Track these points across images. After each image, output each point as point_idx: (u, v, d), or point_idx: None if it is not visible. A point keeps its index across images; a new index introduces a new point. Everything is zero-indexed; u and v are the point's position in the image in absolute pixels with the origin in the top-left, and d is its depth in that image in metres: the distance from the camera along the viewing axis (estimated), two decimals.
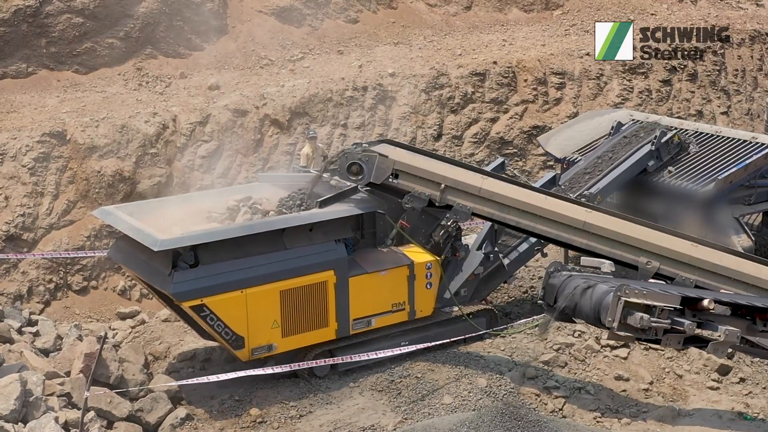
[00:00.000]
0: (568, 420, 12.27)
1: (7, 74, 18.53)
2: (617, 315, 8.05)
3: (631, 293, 8.10)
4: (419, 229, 14.43)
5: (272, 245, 12.98)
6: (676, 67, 24.08)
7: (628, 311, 8.06)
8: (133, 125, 17.35)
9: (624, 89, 23.34)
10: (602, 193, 16.02)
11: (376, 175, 13.25)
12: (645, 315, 8.04)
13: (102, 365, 12.54)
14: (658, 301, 8.19)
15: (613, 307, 8.04)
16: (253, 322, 12.82)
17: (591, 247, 13.07)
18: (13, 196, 16.11)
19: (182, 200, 14.54)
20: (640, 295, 8.15)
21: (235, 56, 20.91)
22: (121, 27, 19.74)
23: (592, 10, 27.26)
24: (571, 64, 23.27)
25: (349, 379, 13.71)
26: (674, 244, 12.89)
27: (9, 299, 15.48)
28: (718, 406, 14.00)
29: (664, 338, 8.53)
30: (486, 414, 9.66)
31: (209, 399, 13.28)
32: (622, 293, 8.06)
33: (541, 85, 22.50)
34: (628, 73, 23.55)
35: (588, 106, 22.74)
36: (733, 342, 8.77)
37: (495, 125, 21.57)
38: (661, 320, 8.19)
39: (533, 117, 22.01)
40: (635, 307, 8.08)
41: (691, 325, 8.39)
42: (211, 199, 14.37)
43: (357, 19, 23.48)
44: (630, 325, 8.06)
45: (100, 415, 11.96)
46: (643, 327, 8.07)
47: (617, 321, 8.08)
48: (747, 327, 9.49)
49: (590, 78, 23.26)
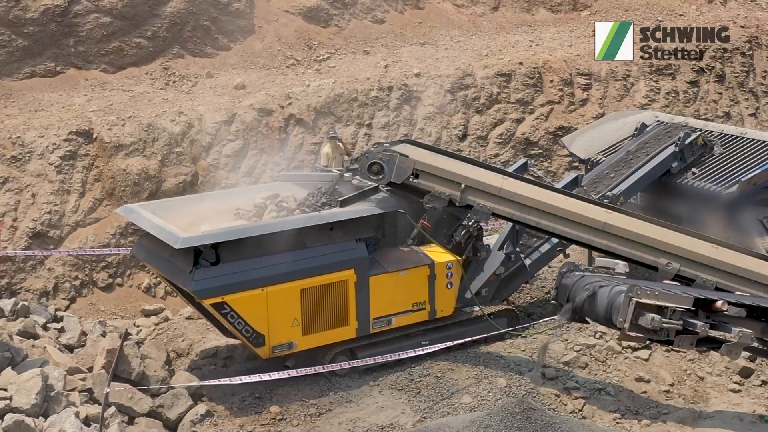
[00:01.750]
0: (585, 421, 12.25)
1: (36, 73, 18.76)
2: (628, 315, 8.04)
3: (643, 294, 8.08)
4: (440, 229, 14.47)
5: (293, 244, 13.07)
6: (704, 68, 23.91)
7: (639, 312, 8.04)
8: (158, 124, 17.52)
9: (651, 90, 23.20)
10: (625, 194, 15.96)
11: (397, 175, 13.31)
12: (656, 316, 8.02)
13: (124, 361, 12.69)
14: (669, 302, 8.17)
15: (625, 308, 8.03)
16: (274, 320, 12.93)
17: (611, 248, 13.04)
18: (40, 193, 16.32)
19: (206, 198, 14.70)
20: (652, 296, 8.13)
21: (262, 56, 21.02)
22: (149, 27, 19.90)
23: (620, 11, 27.08)
24: (598, 65, 23.15)
25: (369, 377, 13.78)
26: (695, 246, 12.84)
27: (35, 295, 15.68)
28: (739, 409, 13.91)
29: (677, 339, 8.51)
30: (497, 413, 9.68)
31: (230, 396, 13.39)
32: (634, 294, 8.04)
33: (567, 86, 22.43)
34: (655, 74, 23.41)
35: (614, 107, 22.63)
36: (747, 344, 8.73)
37: (520, 126, 21.53)
38: (672, 321, 8.17)
39: (559, 118, 21.94)
40: (647, 307, 8.06)
41: (704, 326, 8.35)
42: (236, 197, 14.50)
43: (383, 19, 23.51)
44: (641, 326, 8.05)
45: (121, 410, 12.11)
46: (654, 328, 8.05)
47: (628, 321, 8.06)
48: (762, 329, 9.44)
49: (617, 79, 23.14)
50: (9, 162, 16.30)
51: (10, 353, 11.48)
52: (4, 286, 15.55)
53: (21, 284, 15.76)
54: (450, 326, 14.38)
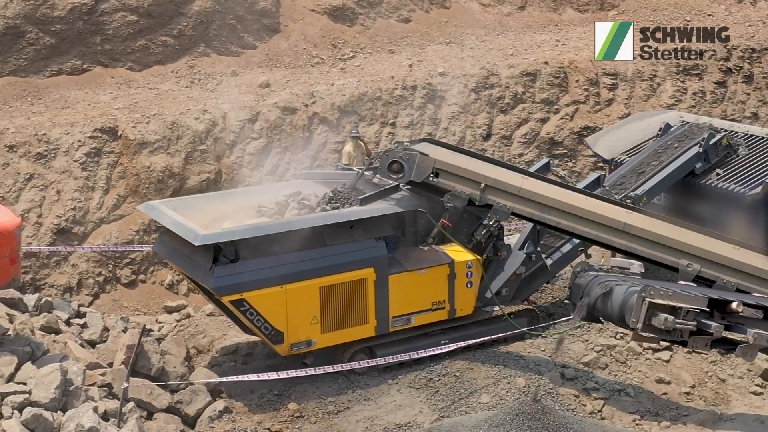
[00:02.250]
0: (601, 422, 12.19)
1: (63, 71, 18.96)
2: (641, 316, 7.99)
3: (656, 294, 8.03)
4: (461, 228, 14.45)
5: (313, 242, 13.11)
6: (732, 68, 23.72)
7: (652, 312, 7.99)
8: (183, 122, 17.64)
9: (677, 90, 23.05)
10: (648, 194, 15.85)
11: (417, 174, 13.32)
12: (669, 316, 7.96)
13: (144, 357, 12.80)
14: (683, 302, 8.11)
15: (638, 308, 7.98)
16: (293, 317, 12.98)
17: (631, 249, 12.97)
18: (64, 190, 16.49)
19: (228, 196, 14.78)
20: (665, 296, 8.07)
21: (287, 54, 21.11)
22: (175, 25, 20.05)
23: (648, 11, 26.91)
24: (624, 65, 23.03)
25: (388, 375, 13.79)
26: (716, 247, 12.75)
27: (59, 291, 15.85)
28: (761, 412, 13.79)
29: (690, 340, 8.44)
30: (509, 413, 9.66)
31: (249, 393, 13.46)
32: (647, 294, 7.99)
33: (593, 86, 22.33)
34: (682, 75, 23.26)
35: (640, 108, 22.50)
36: (763, 345, 8.65)
37: (545, 126, 21.47)
38: (686, 322, 8.11)
39: (584, 118, 21.85)
40: (660, 308, 8.00)
41: (718, 327, 8.28)
42: (258, 194, 14.56)
43: (409, 18, 23.52)
44: (654, 326, 7.99)
45: (140, 405, 12.20)
46: (667, 328, 8.00)
47: (641, 322, 8.02)
48: None
49: (643, 79, 23.02)
50: (35, 159, 16.49)
51: (31, 348, 11.60)
52: (28, 281, 15.74)
53: (45, 280, 15.94)
54: (470, 325, 14.36)
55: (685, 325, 8.12)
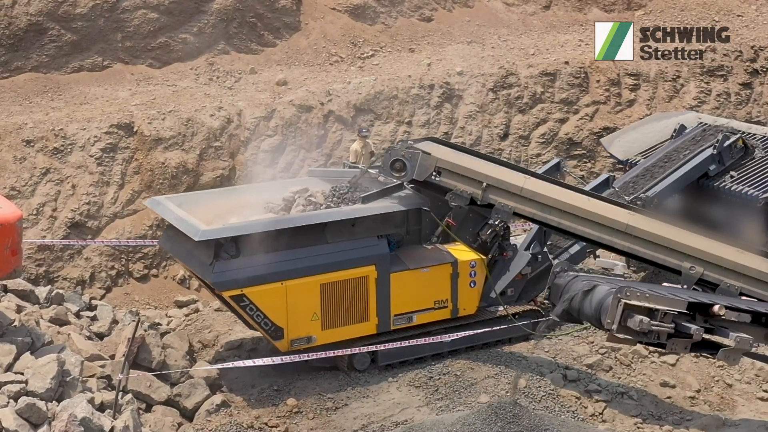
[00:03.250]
0: (581, 423, 12.13)
1: (84, 67, 19.23)
2: (617, 317, 7.94)
3: (632, 295, 7.97)
4: (466, 228, 14.45)
5: (314, 239, 13.20)
6: (759, 69, 23.43)
7: (628, 313, 7.94)
8: (198, 119, 17.82)
9: (701, 92, 22.82)
10: (660, 196, 15.76)
11: (419, 173, 13.34)
12: (645, 318, 7.90)
13: (145, 350, 12.96)
14: (660, 304, 8.04)
15: (613, 309, 7.93)
16: (293, 313, 13.08)
17: (633, 251, 12.90)
18: (80, 184, 16.73)
19: (237, 192, 14.94)
20: (642, 297, 8.01)
21: (306, 53, 21.22)
22: (195, 23, 20.24)
23: (675, 11, 26.65)
24: (647, 66, 22.86)
25: (389, 373, 13.84)
26: (719, 250, 12.62)
27: (72, 284, 16.09)
28: (767, 418, 13.65)
29: (670, 343, 8.36)
30: (483, 412, 9.65)
31: (249, 387, 13.58)
32: (623, 295, 7.94)
33: (614, 86, 22.18)
34: (706, 75, 23.02)
35: (662, 109, 22.30)
36: (745, 349, 8.56)
37: (564, 126, 21.36)
38: (663, 324, 8.04)
39: (604, 118, 21.71)
40: (636, 309, 7.95)
41: (698, 330, 8.20)
42: (266, 191, 14.66)
43: (431, 17, 23.52)
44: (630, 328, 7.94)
45: (138, 398, 12.37)
46: (642, 330, 7.93)
47: (616, 323, 7.96)
48: (766, 335, 9.26)
49: (666, 80, 22.82)
50: (51, 153, 16.75)
51: (31, 338, 11.81)
52: (41, 274, 16.00)
53: (58, 273, 16.20)
54: (473, 325, 14.35)
55: (661, 327, 8.04)
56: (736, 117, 23.07)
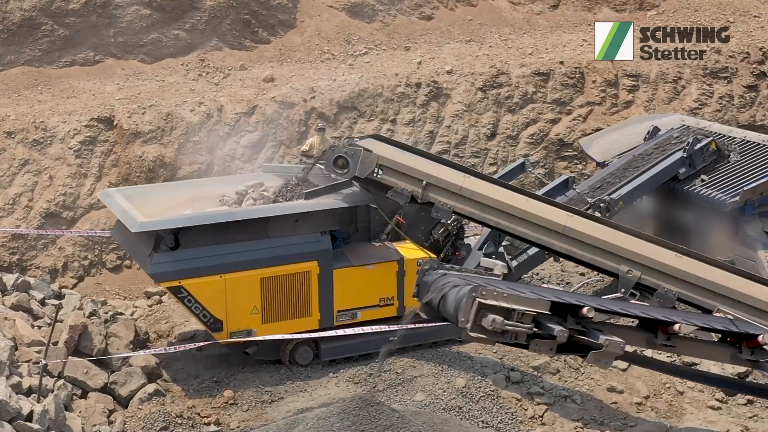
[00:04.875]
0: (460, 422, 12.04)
1: (76, 62, 19.67)
2: (471, 316, 7.92)
3: (488, 295, 7.93)
4: (418, 226, 14.50)
5: (255, 233, 13.37)
6: (766, 72, 22.95)
7: (483, 313, 7.92)
8: (177, 113, 18.12)
9: (703, 94, 22.45)
10: (625, 199, 15.63)
11: (361, 170, 13.40)
12: (498, 317, 7.86)
13: (86, 338, 13.26)
14: (518, 304, 8.00)
15: (467, 308, 7.91)
16: (232, 306, 13.26)
17: (571, 253, 12.79)
18: (57, 176, 17.14)
19: (193, 185, 15.18)
20: (499, 297, 7.97)
21: (299, 50, 21.41)
22: (188, 19, 20.55)
23: (689, 11, 26.24)
24: (648, 66, 22.57)
25: (331, 369, 13.95)
26: (657, 254, 12.44)
27: (45, 272, 16.49)
28: (713, 427, 13.44)
29: (533, 343, 8.31)
30: (337, 408, 9.67)
31: (192, 378, 13.84)
32: (478, 294, 7.92)
33: (611, 87, 21.94)
34: (709, 77, 22.63)
35: (661, 111, 21.99)
36: (616, 353, 8.47)
37: (555, 126, 21.21)
38: (519, 324, 7.99)
39: (598, 120, 21.50)
40: (492, 309, 7.93)
41: (562, 331, 8.13)
42: (224, 184, 14.91)
43: (432, 15, 23.53)
44: (484, 327, 7.93)
45: (75, 384, 12.67)
46: (495, 330, 7.91)
47: (471, 322, 7.95)
48: (647, 339, 9.16)
49: (667, 81, 22.50)
50: (31, 145, 17.19)
51: None
52: (15, 262, 16.43)
53: (31, 261, 16.62)
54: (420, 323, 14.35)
55: (517, 328, 8.01)
56: (738, 120, 22.66)
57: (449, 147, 20.18)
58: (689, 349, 9.93)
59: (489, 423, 13.04)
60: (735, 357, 9.66)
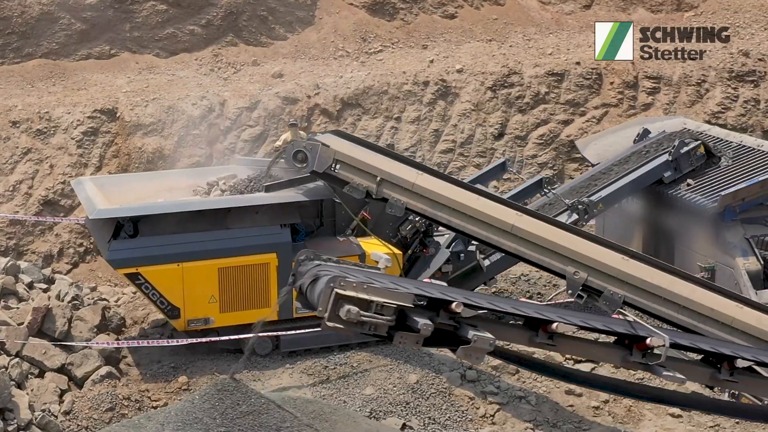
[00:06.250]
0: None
1: (92, 55, 20.30)
2: (328, 306, 7.96)
3: (347, 286, 7.96)
4: (386, 223, 14.57)
5: (214, 224, 13.63)
6: None
7: (341, 303, 7.96)
8: (179, 107, 18.55)
9: (726, 98, 21.92)
10: (605, 201, 15.37)
11: (319, 164, 13.51)
12: (354, 308, 7.87)
13: (50, 320, 13.71)
14: (377, 296, 8.00)
15: (325, 298, 7.96)
16: (190, 295, 13.53)
17: (519, 252, 12.65)
18: (58, 165, 17.75)
19: (169, 175, 15.54)
20: (358, 288, 8.00)
21: (314, 47, 21.64)
22: (204, 15, 21.01)
23: (729, 13, 25.60)
24: (671, 68, 22.15)
25: (289, 360, 14.12)
26: (604, 256, 12.21)
27: (40, 257, 17.10)
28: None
29: (397, 336, 8.32)
30: (199, 396, 9.79)
31: (154, 363, 14.16)
32: (336, 284, 7.95)
33: (629, 89, 21.60)
34: (734, 81, 22.06)
35: (682, 114, 21.52)
36: (485, 349, 8.40)
37: (567, 128, 20.98)
38: (377, 316, 8.00)
39: (613, 122, 21.16)
40: (350, 300, 7.96)
41: (426, 325, 8.10)
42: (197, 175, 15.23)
43: (455, 14, 23.49)
44: (341, 317, 7.98)
45: (33, 363, 13.13)
46: (350, 320, 7.94)
47: (328, 311, 7.99)
48: (529, 338, 9.04)
49: (690, 84, 22.02)
50: (34, 134, 17.84)
51: None
52: (11, 246, 17.08)
53: (28, 246, 17.25)
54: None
55: (374, 319, 8.03)
56: (763, 126, 22.05)
57: (454, 146, 20.15)
58: (572, 349, 9.76)
59: (436, 420, 13.06)
60: (625, 359, 9.45)
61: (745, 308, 11.61)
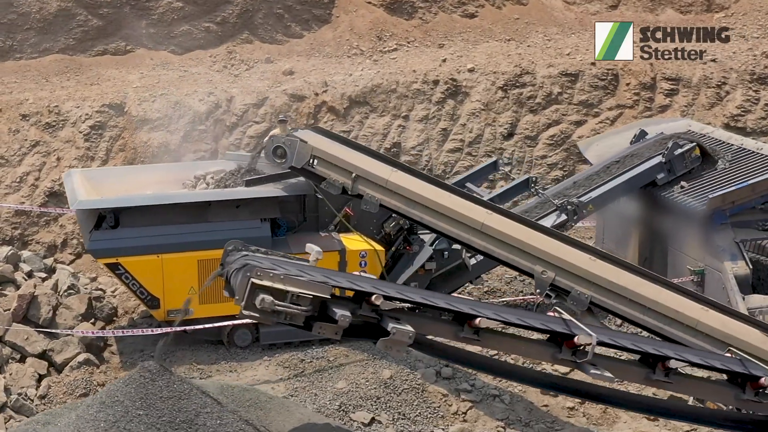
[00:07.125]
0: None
1: (107, 51, 20.70)
2: (245, 295, 8.09)
3: (264, 275, 8.06)
4: (370, 219, 14.62)
5: (195, 217, 13.85)
6: None
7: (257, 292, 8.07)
8: (186, 102, 18.84)
9: (747, 100, 21.47)
10: (595, 202, 15.26)
11: (297, 160, 13.64)
12: (267, 297, 7.98)
13: (35, 307, 14.08)
14: (293, 287, 8.09)
15: (242, 287, 8.09)
16: (169, 285, 13.77)
17: (489, 250, 12.67)
18: (65, 158, 18.16)
19: (159, 169, 15.82)
20: (275, 279, 8.09)
21: (329, 45, 21.77)
22: (220, 12, 21.29)
23: (761, 14, 25.09)
24: (690, 70, 21.79)
25: (268, 353, 14.27)
26: (571, 256, 12.16)
27: (43, 247, 17.52)
28: None
29: (316, 326, 8.42)
30: (126, 377, 9.91)
31: (137, 352, 14.43)
32: (252, 274, 8.06)
33: (646, 91, 21.29)
34: (756, 83, 21.60)
35: (699, 116, 21.19)
36: (404, 341, 8.44)
37: (579, 129, 20.76)
38: (293, 306, 8.10)
39: (627, 123, 20.86)
40: (266, 289, 8.06)
41: (344, 316, 8.17)
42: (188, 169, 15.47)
43: (475, 13, 23.41)
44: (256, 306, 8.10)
45: (15, 348, 13.50)
46: (264, 309, 8.05)
47: (245, 300, 8.11)
48: (454, 332, 9.03)
49: (710, 86, 21.63)
50: (43, 128, 18.27)
51: None
52: (16, 236, 17.52)
53: (32, 237, 17.66)
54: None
55: (289, 309, 8.12)
56: None
57: (462, 145, 20.10)
58: (498, 345, 9.71)
59: (406, 415, 13.08)
60: (554, 356, 9.39)
61: (711, 311, 11.50)
